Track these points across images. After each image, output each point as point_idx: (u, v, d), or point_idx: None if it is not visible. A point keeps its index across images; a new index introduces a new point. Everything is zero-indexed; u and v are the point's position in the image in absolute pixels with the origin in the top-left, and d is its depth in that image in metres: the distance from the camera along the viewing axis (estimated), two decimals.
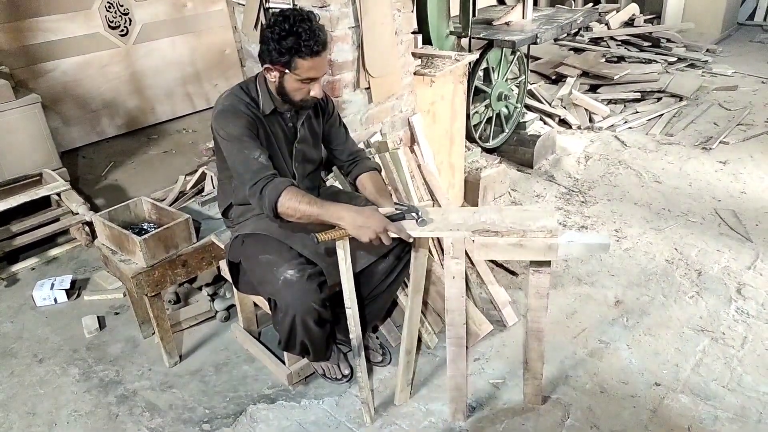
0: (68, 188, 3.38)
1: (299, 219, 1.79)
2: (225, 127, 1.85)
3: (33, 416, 2.24)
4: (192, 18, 5.13)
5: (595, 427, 2.06)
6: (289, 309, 1.87)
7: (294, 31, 1.73)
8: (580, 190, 3.72)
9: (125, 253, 2.28)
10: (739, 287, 2.74)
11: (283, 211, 1.78)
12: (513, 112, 4.09)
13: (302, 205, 1.77)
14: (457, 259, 1.83)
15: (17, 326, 2.75)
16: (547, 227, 1.77)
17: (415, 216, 1.84)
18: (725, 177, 3.81)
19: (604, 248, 1.77)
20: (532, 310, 1.94)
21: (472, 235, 1.77)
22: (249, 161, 1.81)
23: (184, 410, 2.23)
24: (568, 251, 1.74)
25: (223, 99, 1.93)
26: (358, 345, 2.02)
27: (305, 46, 1.74)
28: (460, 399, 2.07)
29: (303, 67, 1.79)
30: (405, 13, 2.64)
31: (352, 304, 1.93)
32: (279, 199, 1.77)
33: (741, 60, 6.18)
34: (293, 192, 1.79)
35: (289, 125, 2.01)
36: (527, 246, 1.75)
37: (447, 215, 1.91)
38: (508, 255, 1.80)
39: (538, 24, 3.91)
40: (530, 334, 1.99)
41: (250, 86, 1.95)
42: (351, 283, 1.89)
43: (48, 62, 4.38)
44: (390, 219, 1.82)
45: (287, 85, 1.85)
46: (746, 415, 2.08)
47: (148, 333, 2.59)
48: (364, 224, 1.75)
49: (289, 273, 1.85)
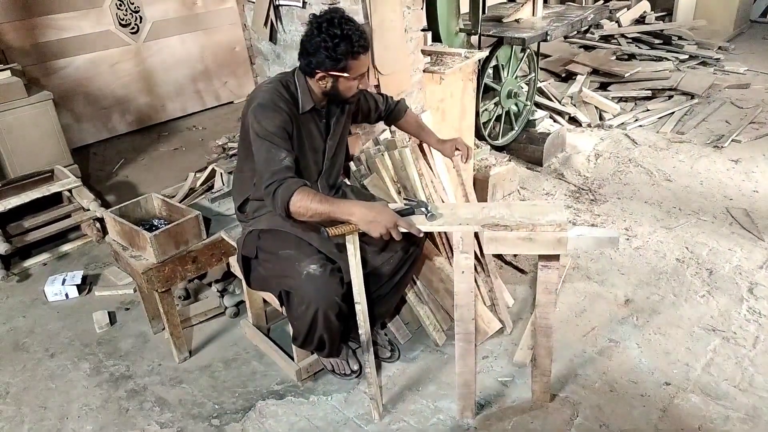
0: (79, 185, 3.40)
1: (311, 217, 1.80)
2: (261, 121, 1.84)
3: (44, 410, 2.26)
4: (202, 16, 5.16)
5: (605, 426, 2.05)
6: (311, 303, 1.88)
7: (345, 35, 1.76)
8: (590, 189, 3.70)
9: (136, 249, 2.30)
10: (750, 287, 2.72)
11: (295, 210, 1.79)
12: (522, 109, 4.08)
13: (313, 204, 1.77)
14: (466, 254, 1.83)
15: (29, 321, 2.78)
16: (556, 221, 1.77)
17: (424, 211, 1.84)
18: (737, 175, 3.78)
19: (613, 242, 1.77)
20: (541, 305, 1.93)
21: (482, 229, 1.77)
22: (273, 161, 1.81)
23: (194, 405, 2.25)
24: (577, 245, 1.74)
25: (263, 92, 1.91)
26: (367, 341, 2.02)
27: (358, 46, 1.78)
28: (468, 396, 2.06)
29: (356, 66, 1.83)
30: (414, 10, 2.64)
31: (362, 300, 1.93)
32: (291, 198, 1.78)
33: (754, 58, 6.12)
34: (305, 191, 1.79)
35: (323, 121, 2.02)
36: (537, 240, 1.74)
37: (456, 210, 1.91)
38: (517, 249, 1.79)
39: (548, 21, 3.89)
40: (538, 330, 1.98)
41: (290, 82, 1.94)
42: (360, 278, 1.90)
43: (60, 60, 4.42)
44: (399, 214, 1.82)
45: (341, 87, 1.88)
46: (758, 415, 2.06)
47: (159, 328, 2.61)
48: (374, 219, 1.75)
49: (311, 268, 1.87)
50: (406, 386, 2.26)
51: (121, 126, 4.90)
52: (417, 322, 2.49)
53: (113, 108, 4.80)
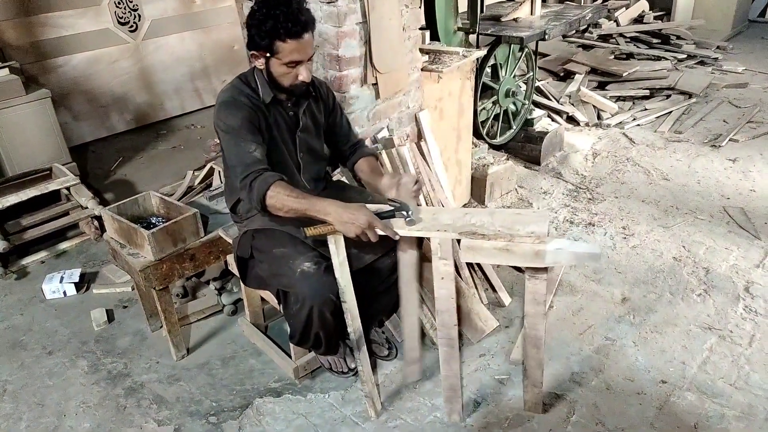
0: (78, 183, 3.40)
1: (286, 213, 1.81)
2: (225, 119, 1.88)
3: (42, 407, 2.27)
4: (201, 14, 5.15)
5: (601, 424, 2.06)
6: (306, 300, 1.88)
7: (272, 14, 1.75)
8: (587, 188, 3.71)
9: (134, 246, 2.30)
10: (747, 285, 2.73)
11: (271, 204, 1.80)
12: (521, 108, 4.08)
13: (289, 200, 1.78)
14: (445, 260, 1.81)
15: (27, 319, 2.78)
16: (536, 233, 1.72)
17: (405, 214, 1.83)
18: (734, 175, 3.79)
19: (594, 258, 1.71)
20: (530, 316, 1.88)
21: (459, 236, 1.74)
22: (243, 154, 1.83)
23: (191, 403, 2.25)
24: (556, 258, 1.68)
25: (224, 92, 1.95)
26: (357, 339, 2.02)
27: (283, 28, 1.76)
28: (455, 399, 2.06)
29: (285, 50, 1.80)
30: (413, 8, 2.64)
31: (348, 299, 1.92)
32: (268, 192, 1.79)
33: (752, 57, 6.13)
34: (282, 186, 1.80)
35: (290, 114, 2.02)
36: (514, 251, 1.70)
37: (438, 215, 1.89)
38: (494, 259, 1.75)
39: (546, 20, 3.89)
40: (528, 341, 1.93)
41: (249, 77, 1.97)
42: (347, 277, 1.89)
43: (58, 58, 4.41)
44: (379, 216, 1.81)
45: (273, 71, 1.87)
46: (753, 413, 2.07)
47: (156, 326, 2.61)
48: (349, 220, 1.75)
49: (305, 265, 1.87)
50: (403, 384, 2.27)
51: (120, 124, 4.89)
52: None
53: (112, 106, 4.79)
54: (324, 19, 2.32)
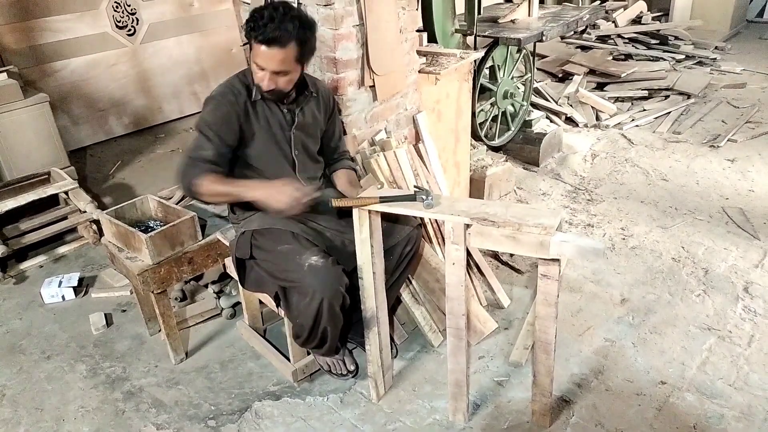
0: (76, 187, 3.40)
1: (213, 197, 1.90)
2: (203, 111, 1.94)
3: (41, 412, 2.26)
4: (198, 17, 5.16)
5: (600, 425, 2.05)
6: (316, 294, 1.87)
7: (253, 16, 1.80)
8: (586, 188, 3.71)
9: (132, 250, 2.30)
10: (746, 285, 2.72)
11: (197, 190, 1.87)
12: (519, 110, 4.09)
13: (217, 185, 1.87)
14: (456, 245, 1.81)
15: (26, 323, 2.78)
16: (544, 225, 1.73)
17: (424, 198, 1.85)
18: (733, 175, 3.79)
19: (597, 253, 1.71)
20: (540, 318, 1.83)
21: (470, 221, 1.76)
22: (197, 148, 1.90)
23: (190, 406, 2.25)
24: (560, 250, 1.69)
25: (218, 86, 1.98)
26: (370, 318, 2.02)
27: (253, 31, 1.80)
28: (460, 396, 2.04)
29: (256, 51, 1.85)
30: (410, 10, 2.64)
31: (366, 275, 1.93)
32: (196, 179, 1.86)
33: (750, 57, 6.14)
34: (215, 176, 1.88)
35: (285, 111, 2.03)
36: (520, 240, 1.72)
37: (455, 203, 1.91)
38: (501, 246, 1.77)
39: (544, 21, 3.90)
40: (538, 346, 1.88)
41: (248, 73, 1.98)
42: (367, 253, 1.90)
43: (56, 62, 4.41)
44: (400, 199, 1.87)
45: (251, 64, 1.91)
46: (752, 414, 2.07)
47: (155, 330, 2.61)
48: (278, 194, 1.83)
49: (313, 259, 1.88)
50: (402, 386, 2.27)
51: (118, 128, 4.89)
52: (413, 323, 2.49)
53: (110, 110, 4.79)
54: (321, 21, 2.32)
